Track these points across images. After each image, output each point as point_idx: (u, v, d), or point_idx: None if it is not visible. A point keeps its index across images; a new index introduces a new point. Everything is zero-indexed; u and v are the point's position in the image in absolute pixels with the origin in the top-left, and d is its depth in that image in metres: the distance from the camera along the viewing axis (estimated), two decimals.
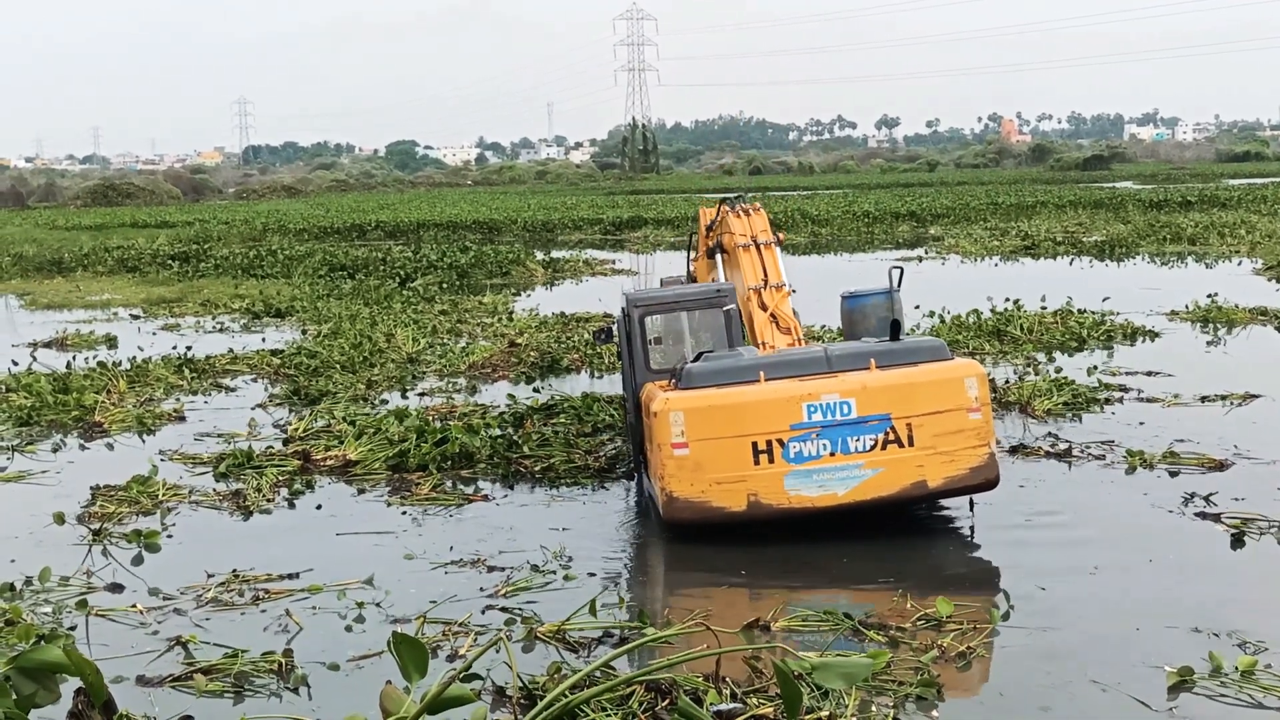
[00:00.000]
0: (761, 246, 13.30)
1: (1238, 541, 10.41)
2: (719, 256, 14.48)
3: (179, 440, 15.59)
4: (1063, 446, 13.51)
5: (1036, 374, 17.38)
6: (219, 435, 15.84)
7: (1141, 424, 14.58)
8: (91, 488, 13.01)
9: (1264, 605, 9.04)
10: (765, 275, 13.04)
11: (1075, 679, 7.76)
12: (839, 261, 39.93)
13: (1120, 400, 15.95)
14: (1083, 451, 13.32)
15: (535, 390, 17.85)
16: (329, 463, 13.90)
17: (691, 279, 15.66)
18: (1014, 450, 13.47)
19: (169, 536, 11.65)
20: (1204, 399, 15.78)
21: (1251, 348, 20.40)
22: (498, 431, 14.68)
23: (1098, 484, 12.29)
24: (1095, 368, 17.87)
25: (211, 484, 13.38)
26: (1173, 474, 12.38)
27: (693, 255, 15.76)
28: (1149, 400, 15.93)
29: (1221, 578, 9.66)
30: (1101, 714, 7.33)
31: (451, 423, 15.02)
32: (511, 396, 17.11)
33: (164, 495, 12.72)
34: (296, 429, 15.50)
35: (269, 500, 12.68)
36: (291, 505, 12.65)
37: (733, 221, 13.73)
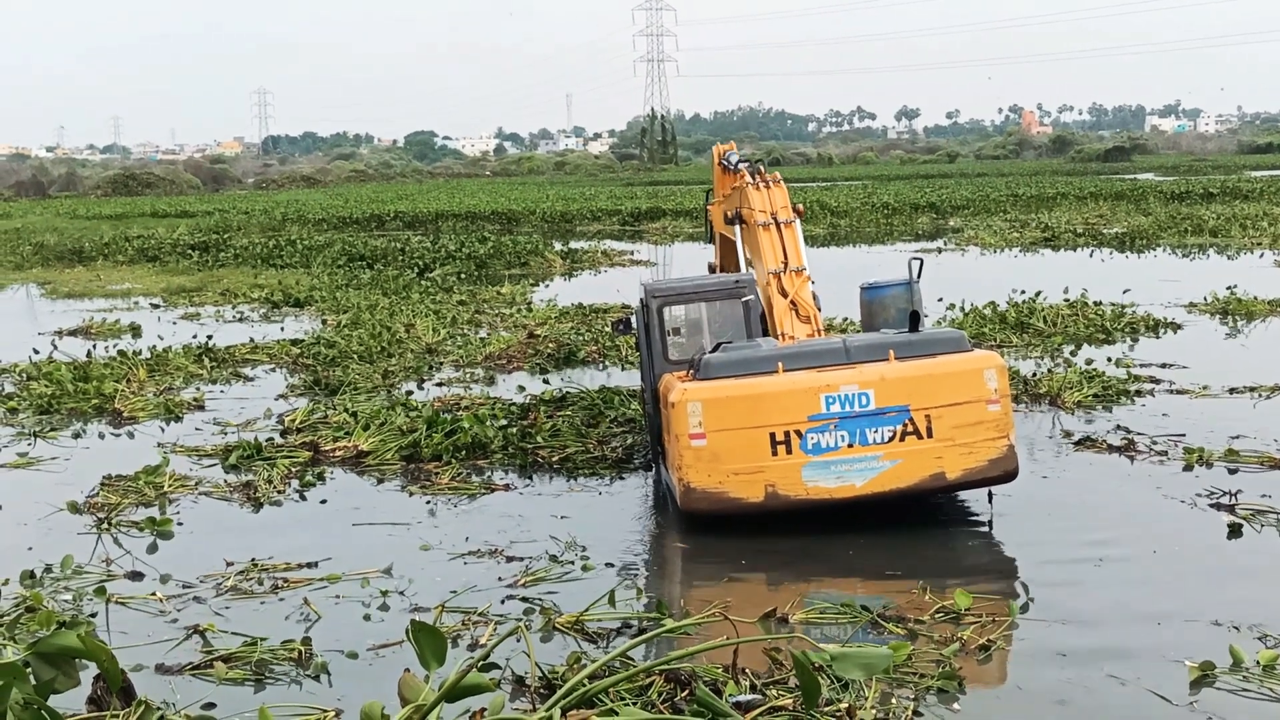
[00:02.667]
0: (782, 225, 12.98)
1: (1235, 531, 10.39)
2: (738, 227, 14.06)
3: (181, 432, 15.60)
4: (1125, 440, 13.29)
5: (1068, 366, 17.27)
6: (216, 424, 15.91)
7: (1165, 415, 14.51)
8: (104, 477, 13.05)
9: None
10: (785, 258, 12.80)
11: (1094, 673, 7.72)
12: (858, 253, 39.81)
13: (1152, 393, 15.85)
14: (1148, 447, 13.05)
15: (545, 382, 17.85)
16: (338, 454, 13.88)
17: (709, 224, 16.06)
18: (1079, 443, 13.35)
19: (180, 524, 11.70)
20: (1232, 390, 15.70)
21: (1270, 340, 20.28)
22: (504, 422, 14.64)
23: (1123, 477, 12.20)
24: (1110, 359, 17.79)
25: (221, 475, 13.37)
26: (1231, 471, 12.10)
27: (710, 200, 15.86)
28: (1179, 392, 15.85)
29: (1242, 572, 9.59)
30: (1120, 708, 7.29)
31: (461, 414, 14.95)
32: (521, 388, 17.10)
33: (170, 486, 12.70)
34: (294, 419, 15.48)
35: (280, 492, 12.67)
36: (302, 497, 12.63)
37: (752, 195, 13.31)
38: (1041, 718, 7.23)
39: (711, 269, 16.42)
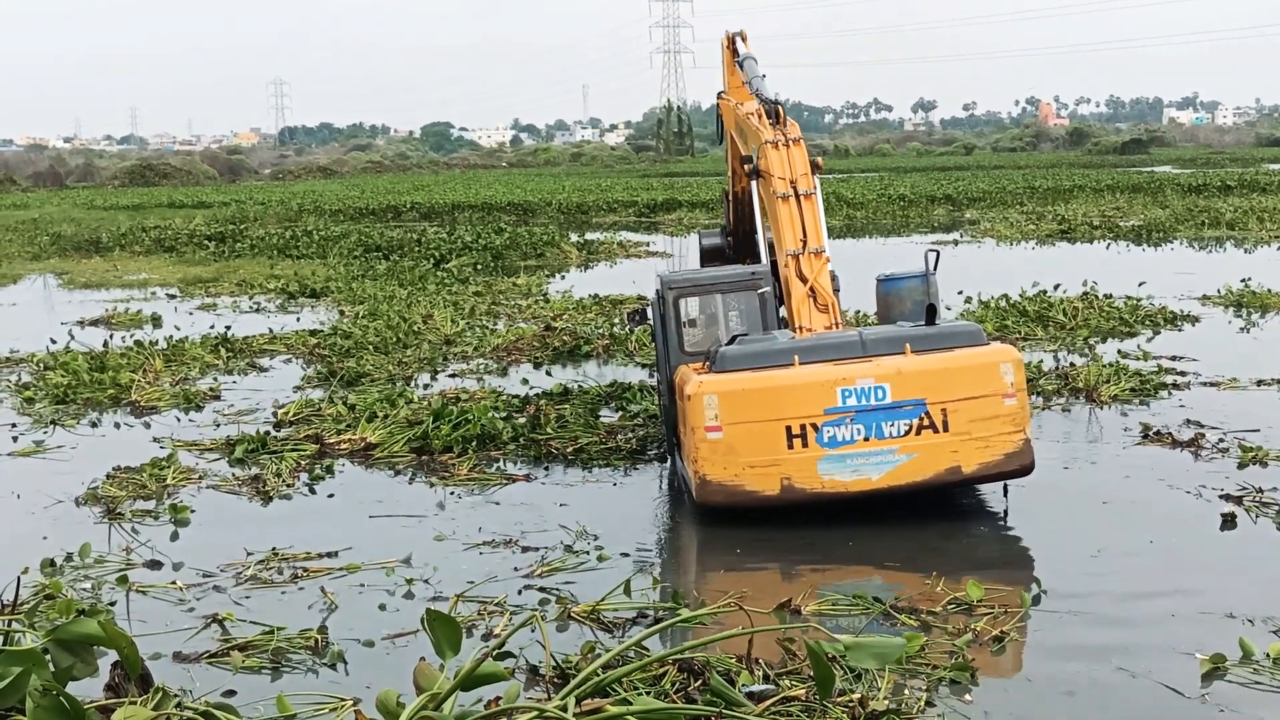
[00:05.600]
0: (801, 197, 12.42)
1: (1228, 522, 10.41)
2: (755, 183, 13.41)
3: (183, 424, 15.66)
4: (1196, 433, 13.15)
5: (1093, 359, 17.21)
6: (214, 413, 15.97)
7: (1182, 406, 14.48)
8: (113, 468, 13.07)
9: None
10: (804, 236, 12.31)
11: (1105, 666, 7.73)
12: (874, 245, 39.76)
13: (1189, 385, 15.77)
14: (1215, 445, 12.79)
15: (548, 374, 17.83)
16: (345, 446, 13.83)
17: (719, 121, 16.22)
18: (1145, 437, 13.22)
19: (193, 512, 11.76)
20: (1260, 383, 15.67)
21: None
22: (504, 414, 14.58)
23: (1145, 470, 12.14)
24: (1122, 352, 17.73)
25: (226, 468, 13.35)
26: None
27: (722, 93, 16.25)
28: (1209, 384, 15.80)
29: (1256, 565, 9.58)
30: (1132, 701, 7.31)
31: (468, 405, 14.87)
32: (525, 380, 17.12)
33: (175, 479, 12.69)
34: (287, 412, 15.46)
35: (288, 485, 12.66)
36: (312, 490, 12.62)
37: (771, 158, 12.62)
38: (1053, 709, 7.25)
39: (727, 212, 16.25)
